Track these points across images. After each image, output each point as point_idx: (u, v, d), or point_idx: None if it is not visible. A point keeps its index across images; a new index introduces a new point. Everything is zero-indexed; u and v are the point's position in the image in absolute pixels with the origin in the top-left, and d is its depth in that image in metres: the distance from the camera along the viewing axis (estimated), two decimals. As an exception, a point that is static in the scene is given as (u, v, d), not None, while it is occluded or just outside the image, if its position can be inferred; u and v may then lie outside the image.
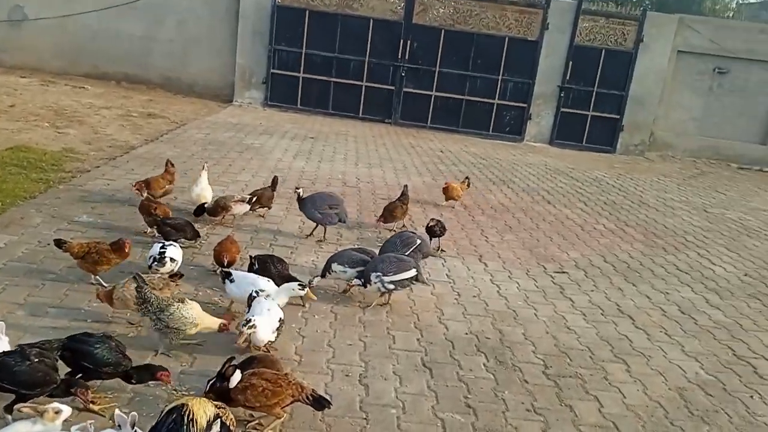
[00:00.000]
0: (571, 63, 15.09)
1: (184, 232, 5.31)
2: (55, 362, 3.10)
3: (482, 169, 11.34)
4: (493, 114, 15.45)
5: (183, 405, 2.75)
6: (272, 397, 3.09)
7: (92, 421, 2.77)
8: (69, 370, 3.21)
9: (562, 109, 15.42)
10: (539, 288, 5.80)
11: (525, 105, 15.39)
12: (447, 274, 5.81)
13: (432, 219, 6.43)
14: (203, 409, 2.77)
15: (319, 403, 3.20)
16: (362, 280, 4.72)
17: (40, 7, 14.67)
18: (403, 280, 4.76)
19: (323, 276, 4.90)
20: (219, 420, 2.80)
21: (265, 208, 6.73)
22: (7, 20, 14.72)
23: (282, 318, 3.91)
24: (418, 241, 5.37)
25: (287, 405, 3.17)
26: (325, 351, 4.09)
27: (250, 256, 4.83)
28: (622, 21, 15.09)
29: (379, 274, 4.67)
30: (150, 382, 3.30)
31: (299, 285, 4.28)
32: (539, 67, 15.07)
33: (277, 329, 3.84)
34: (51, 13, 14.64)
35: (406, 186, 7.09)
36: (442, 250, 6.36)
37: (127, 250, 4.50)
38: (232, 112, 14.00)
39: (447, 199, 8.12)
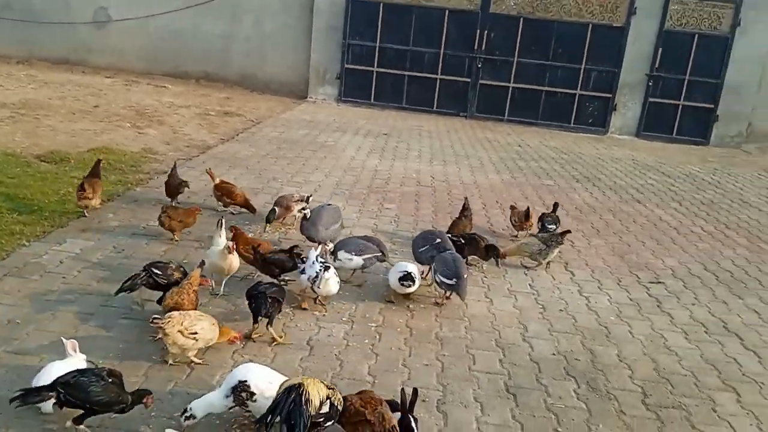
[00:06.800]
0: (660, 50, 14.18)
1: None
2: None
3: (564, 165, 10.75)
4: (575, 105, 14.75)
5: (299, 384, 2.84)
6: (353, 415, 2.93)
7: None
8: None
9: (651, 99, 14.55)
10: (633, 301, 5.30)
11: (610, 95, 14.59)
12: (530, 284, 5.41)
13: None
14: (317, 390, 2.86)
15: None
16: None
17: (123, 8, 15.08)
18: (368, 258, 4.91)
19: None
20: (329, 400, 2.89)
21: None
22: (92, 21, 15.24)
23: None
24: (437, 240, 5.14)
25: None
26: (400, 372, 3.81)
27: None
28: (716, 3, 14.00)
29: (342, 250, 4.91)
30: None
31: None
32: (626, 54, 14.25)
33: None
34: (133, 13, 15.03)
35: (466, 199, 6.49)
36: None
37: None
38: (306, 108, 13.94)
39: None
